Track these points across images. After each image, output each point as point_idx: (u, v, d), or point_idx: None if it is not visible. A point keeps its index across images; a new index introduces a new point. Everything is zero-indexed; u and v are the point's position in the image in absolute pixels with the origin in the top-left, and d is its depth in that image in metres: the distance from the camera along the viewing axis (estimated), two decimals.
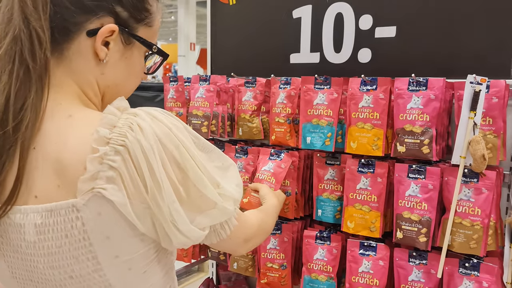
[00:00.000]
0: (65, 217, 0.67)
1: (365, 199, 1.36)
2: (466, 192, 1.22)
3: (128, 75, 0.80)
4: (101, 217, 0.66)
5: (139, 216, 0.67)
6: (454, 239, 1.23)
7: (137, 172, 0.65)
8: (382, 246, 1.36)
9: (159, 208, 0.67)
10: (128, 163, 0.65)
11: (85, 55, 0.73)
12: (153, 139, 0.66)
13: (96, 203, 0.65)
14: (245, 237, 0.90)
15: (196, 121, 1.62)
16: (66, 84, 0.73)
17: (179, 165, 0.69)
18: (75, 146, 0.66)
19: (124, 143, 0.65)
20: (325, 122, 1.40)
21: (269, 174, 1.49)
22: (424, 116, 1.25)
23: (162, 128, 0.68)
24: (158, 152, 0.66)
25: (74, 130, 0.68)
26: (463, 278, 1.24)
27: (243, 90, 1.62)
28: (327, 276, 1.45)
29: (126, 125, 0.66)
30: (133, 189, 0.66)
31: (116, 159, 0.65)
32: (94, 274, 0.70)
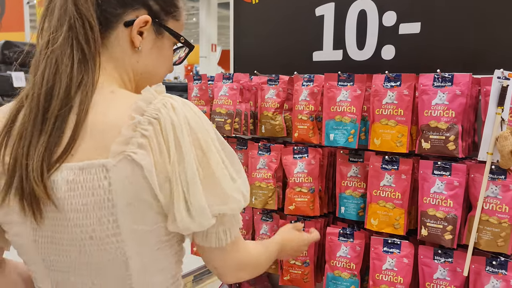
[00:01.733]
0: (94, 175, 0.72)
1: (389, 196, 1.36)
2: (493, 189, 1.20)
3: (160, 63, 0.89)
4: (127, 180, 0.71)
5: (161, 186, 0.72)
6: (481, 236, 1.21)
7: (164, 144, 0.71)
8: (406, 244, 1.35)
9: (177, 181, 0.72)
10: (158, 133, 0.71)
11: (123, 43, 0.82)
12: (183, 119, 0.73)
13: (126, 165, 0.71)
14: (239, 263, 0.88)
15: (219, 119, 1.64)
16: (108, 68, 0.82)
17: (203, 149, 0.74)
18: (115, 114, 0.74)
19: (157, 116, 0.72)
20: (348, 119, 1.40)
21: (304, 175, 1.50)
22: (449, 112, 1.24)
23: (192, 113, 0.75)
24: (185, 131, 0.72)
25: (115, 102, 0.77)
26: (491, 277, 1.22)
27: (266, 88, 1.63)
28: (350, 273, 1.44)
29: (161, 102, 0.74)
30: (159, 158, 0.71)
31: (149, 128, 0.71)
32: (112, 238, 0.74)
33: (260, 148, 1.62)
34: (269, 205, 1.58)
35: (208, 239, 0.82)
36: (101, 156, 0.72)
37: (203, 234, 0.81)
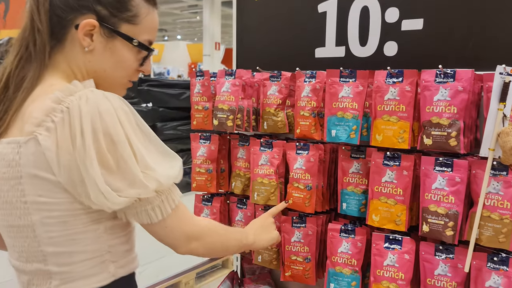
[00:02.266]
0: (12, 149, 0.87)
1: (391, 192, 1.36)
2: (494, 185, 1.20)
3: (113, 65, 0.97)
4: (33, 156, 0.84)
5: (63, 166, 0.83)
6: (482, 232, 1.21)
7: (70, 130, 0.82)
8: (407, 240, 1.35)
9: (83, 165, 0.83)
10: (66, 122, 0.83)
11: (75, 44, 0.94)
12: (93, 110, 0.83)
13: (32, 144, 0.84)
14: (187, 234, 0.97)
15: (221, 115, 1.64)
16: (62, 66, 0.95)
17: (113, 139, 0.84)
18: (40, 102, 0.87)
19: (69, 106, 0.83)
20: (350, 115, 1.40)
21: (302, 171, 1.50)
22: (451, 108, 1.24)
23: (107, 106, 0.85)
24: (92, 121, 0.83)
25: (46, 92, 0.88)
26: (492, 273, 1.22)
27: (268, 84, 1.63)
28: (352, 269, 1.45)
29: (78, 95, 0.85)
30: (64, 143, 0.83)
31: (58, 116, 0.83)
32: (20, 204, 0.87)
33: (262, 144, 1.62)
34: (271, 201, 1.58)
35: (140, 217, 0.92)
36: (20, 135, 0.86)
37: (134, 213, 0.92)
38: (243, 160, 1.73)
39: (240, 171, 1.73)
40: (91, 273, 0.90)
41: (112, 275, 0.93)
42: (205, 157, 1.75)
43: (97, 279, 0.91)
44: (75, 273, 0.89)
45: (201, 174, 1.76)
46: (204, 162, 1.76)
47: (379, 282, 1.37)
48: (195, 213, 1.83)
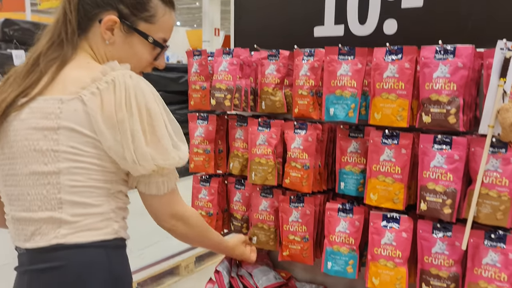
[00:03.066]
0: (51, 104, 0.96)
1: (389, 171, 1.35)
2: (493, 163, 1.20)
3: (129, 57, 1.10)
4: (75, 113, 0.95)
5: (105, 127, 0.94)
6: (480, 210, 1.21)
7: (115, 99, 0.95)
8: (405, 218, 1.35)
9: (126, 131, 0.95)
10: (111, 90, 0.95)
11: (97, 35, 1.08)
12: (137, 86, 0.97)
13: (76, 102, 0.96)
14: (176, 213, 1.10)
15: (219, 95, 1.63)
16: (88, 50, 1.10)
17: (151, 114, 0.97)
18: (83, 73, 1.00)
19: (114, 79, 0.96)
20: (348, 93, 1.39)
21: (300, 151, 1.50)
22: (451, 85, 1.22)
23: (147, 86, 1.00)
24: (137, 95, 0.96)
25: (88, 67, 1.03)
26: (489, 250, 1.22)
27: (266, 63, 1.61)
28: (349, 248, 1.45)
29: (121, 71, 0.99)
30: (108, 107, 0.94)
31: (104, 85, 0.96)
32: (51, 152, 0.96)
33: (260, 124, 1.61)
34: (268, 181, 1.58)
35: (150, 187, 1.05)
36: (61, 94, 0.97)
37: (146, 183, 1.04)
38: (241, 141, 1.72)
39: (238, 152, 1.72)
40: (98, 227, 1.00)
41: (115, 233, 1.03)
42: (203, 138, 1.74)
43: (102, 232, 1.00)
44: (84, 224, 0.98)
45: (199, 154, 1.75)
46: (202, 142, 1.75)
47: (377, 260, 1.37)
48: (193, 194, 1.83)
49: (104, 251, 1.00)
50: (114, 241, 1.02)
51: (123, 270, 1.06)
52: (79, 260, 0.96)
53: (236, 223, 1.79)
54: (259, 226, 1.65)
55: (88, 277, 0.96)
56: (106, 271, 0.99)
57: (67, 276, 0.95)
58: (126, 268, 1.08)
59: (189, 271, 3.70)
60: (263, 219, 1.64)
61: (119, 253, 1.05)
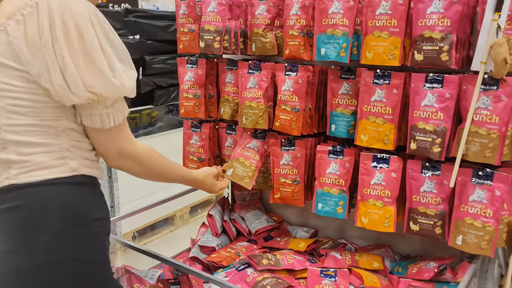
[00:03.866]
0: None
1: (380, 112, 1.34)
2: (484, 100, 1.19)
3: None
4: (1, 46, 0.89)
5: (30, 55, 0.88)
6: (469, 148, 1.21)
7: (38, 23, 0.87)
8: (395, 159, 1.36)
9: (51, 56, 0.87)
10: (34, 14, 0.88)
11: None
12: (63, 6, 0.88)
13: (2, 35, 0.89)
14: (121, 149, 1.02)
15: (208, 37, 1.58)
16: None
17: (82, 34, 0.89)
18: None
19: (37, 2, 0.88)
20: (340, 32, 1.35)
21: (290, 93, 1.47)
22: (444, 20, 1.19)
23: (79, 5, 0.89)
24: (62, 15, 0.87)
25: None
26: (476, 188, 1.24)
27: (256, 3, 1.56)
28: (340, 189, 1.46)
29: None
30: (32, 33, 0.87)
31: (28, 10, 0.88)
32: None
33: (250, 67, 1.58)
34: (259, 124, 1.57)
35: (93, 120, 0.96)
36: None
37: (88, 115, 0.96)
38: (232, 85, 1.69)
39: (229, 96, 1.70)
40: (51, 165, 0.94)
41: (73, 170, 0.97)
42: (193, 82, 1.71)
43: (56, 170, 0.95)
44: (34, 164, 0.93)
45: (189, 99, 1.73)
46: (192, 87, 1.72)
47: (366, 200, 1.39)
48: (184, 140, 1.82)
49: (60, 188, 0.95)
50: (73, 178, 0.96)
51: (87, 206, 0.98)
52: (33, 199, 0.93)
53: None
54: (240, 161, 1.64)
55: (44, 215, 0.92)
56: (64, 208, 0.94)
57: (23, 215, 0.92)
58: (91, 205, 1.00)
59: (184, 221, 3.77)
60: (247, 155, 1.63)
61: (82, 190, 0.99)
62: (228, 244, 1.76)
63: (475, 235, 1.23)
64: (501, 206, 1.21)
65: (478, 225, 1.23)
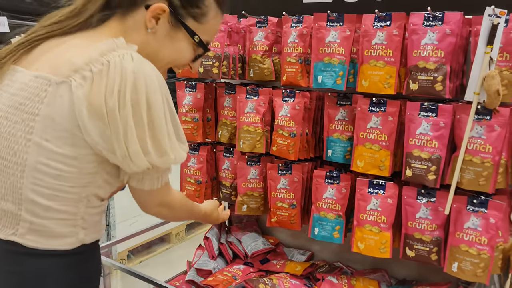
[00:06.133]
0: (40, 85, 0.83)
1: (375, 138, 1.36)
2: (478, 130, 1.21)
3: (169, 52, 0.97)
4: (60, 99, 0.81)
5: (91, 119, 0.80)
6: (464, 176, 1.23)
7: (106, 85, 0.79)
8: (391, 185, 1.37)
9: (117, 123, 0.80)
10: (104, 74, 0.79)
11: (140, 22, 0.92)
12: (139, 71, 0.80)
13: (64, 87, 0.81)
14: (161, 201, 1.01)
15: (207, 62, 1.61)
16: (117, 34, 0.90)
17: (150, 105, 0.82)
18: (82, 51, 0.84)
19: (109, 60, 0.80)
20: (337, 61, 1.38)
21: (287, 119, 1.50)
22: (438, 52, 1.22)
23: (153, 72, 0.83)
24: (135, 81, 0.80)
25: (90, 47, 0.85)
26: (471, 215, 1.26)
27: (255, 30, 1.59)
28: (336, 214, 1.48)
29: (122, 52, 0.82)
30: (97, 95, 0.79)
31: (98, 67, 0.80)
32: (23, 140, 0.84)
33: (248, 92, 1.60)
34: (257, 148, 1.59)
35: (143, 183, 0.93)
36: (51, 73, 0.83)
37: (138, 179, 0.93)
38: (230, 109, 1.72)
39: (227, 120, 1.72)
40: (60, 234, 0.90)
41: (80, 241, 0.93)
42: (191, 106, 1.73)
43: (64, 242, 0.91)
44: (43, 227, 0.88)
45: (187, 123, 1.74)
46: (190, 110, 1.74)
47: (362, 225, 1.40)
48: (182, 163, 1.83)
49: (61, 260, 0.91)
50: (77, 249, 0.92)
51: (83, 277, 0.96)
52: (33, 269, 0.89)
53: (225, 190, 1.80)
54: (248, 194, 1.67)
55: None
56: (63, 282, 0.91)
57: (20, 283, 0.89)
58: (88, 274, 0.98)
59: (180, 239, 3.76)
60: (252, 187, 1.66)
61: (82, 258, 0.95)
62: (225, 267, 1.76)
63: (471, 262, 1.24)
64: (496, 234, 1.23)
65: (473, 252, 1.24)
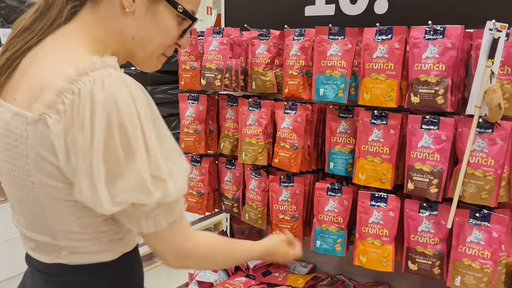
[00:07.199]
0: (20, 124, 0.78)
1: (377, 151, 1.36)
2: (479, 143, 1.21)
3: (153, 31, 0.85)
4: (41, 138, 0.75)
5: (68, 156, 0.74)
6: (466, 189, 1.23)
7: (79, 118, 0.72)
8: (393, 197, 1.37)
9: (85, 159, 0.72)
10: (75, 105, 0.72)
11: (114, 4, 0.81)
12: (110, 99, 0.72)
13: (41, 126, 0.75)
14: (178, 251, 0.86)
15: (209, 75, 1.62)
16: (93, 29, 0.82)
17: (127, 132, 0.73)
18: (52, 74, 0.75)
19: (80, 88, 0.72)
20: (338, 74, 1.39)
21: (289, 131, 1.50)
22: (440, 65, 1.22)
23: (125, 95, 0.73)
24: (108, 111, 0.71)
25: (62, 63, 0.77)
26: (473, 229, 1.25)
27: (257, 43, 1.60)
28: (338, 227, 1.47)
29: (93, 77, 0.73)
30: (71, 129, 0.72)
31: (69, 97, 0.72)
32: (29, 183, 0.80)
33: (250, 104, 1.61)
34: (259, 161, 1.59)
35: (131, 224, 0.82)
36: (28, 109, 0.76)
37: (124, 216, 0.80)
38: (232, 121, 1.72)
39: (229, 132, 1.73)
40: (102, 249, 0.86)
41: (121, 252, 0.89)
42: (193, 118, 1.74)
43: (106, 255, 0.87)
44: (85, 249, 0.84)
45: (190, 134, 1.75)
46: (193, 122, 1.74)
47: (364, 238, 1.40)
48: None
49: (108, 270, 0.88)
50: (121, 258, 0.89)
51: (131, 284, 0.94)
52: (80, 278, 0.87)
53: (227, 202, 1.80)
54: (249, 204, 1.67)
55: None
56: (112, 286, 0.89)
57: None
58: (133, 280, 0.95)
59: None
60: (252, 198, 1.66)
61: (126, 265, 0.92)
62: (226, 280, 1.75)
63: (474, 276, 1.23)
64: (499, 248, 1.22)
65: (476, 266, 1.23)
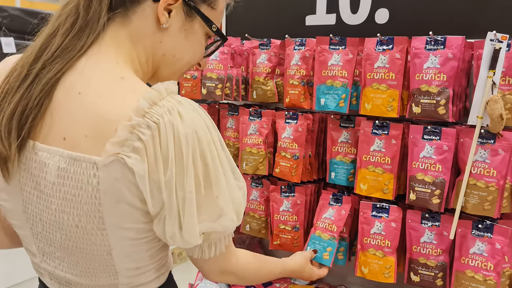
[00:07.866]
0: (85, 170, 0.70)
1: (379, 161, 1.36)
2: (482, 153, 1.20)
3: (185, 48, 0.83)
4: (117, 181, 0.69)
5: (152, 194, 0.69)
6: (468, 200, 1.22)
7: (161, 152, 0.67)
8: (394, 208, 1.36)
9: (172, 195, 0.69)
10: (156, 140, 0.67)
11: (148, 18, 0.78)
12: (191, 129, 0.68)
13: (117, 167, 0.68)
14: (225, 269, 0.88)
15: (210, 84, 1.62)
16: (126, 46, 0.78)
17: (207, 163, 0.70)
18: (115, 107, 0.69)
19: (158, 121, 0.67)
20: (339, 83, 1.38)
21: (290, 141, 1.50)
22: (441, 75, 1.22)
23: (201, 122, 0.71)
24: (192, 143, 0.68)
25: (120, 92, 0.71)
26: (476, 240, 1.24)
27: (258, 53, 1.60)
28: (330, 235, 1.44)
29: (166, 106, 0.69)
30: (154, 166, 0.67)
31: (146, 132, 0.67)
32: (97, 231, 0.74)
33: (251, 114, 1.61)
34: (260, 170, 1.58)
35: (191, 250, 0.81)
36: (93, 151, 0.69)
37: None
38: (233, 130, 1.72)
39: (230, 141, 1.72)
40: (155, 277, 0.87)
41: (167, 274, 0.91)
42: None
43: (160, 280, 0.88)
44: (142, 281, 0.84)
45: None
46: None
47: (366, 249, 1.38)
48: None
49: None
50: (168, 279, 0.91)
51: None
52: None
53: None
54: (250, 215, 1.66)
55: None
56: None
57: None
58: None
59: (182, 259, 3.73)
60: (254, 208, 1.65)
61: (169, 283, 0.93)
62: None
63: None
64: (502, 259, 1.21)
65: (479, 278, 1.22)
